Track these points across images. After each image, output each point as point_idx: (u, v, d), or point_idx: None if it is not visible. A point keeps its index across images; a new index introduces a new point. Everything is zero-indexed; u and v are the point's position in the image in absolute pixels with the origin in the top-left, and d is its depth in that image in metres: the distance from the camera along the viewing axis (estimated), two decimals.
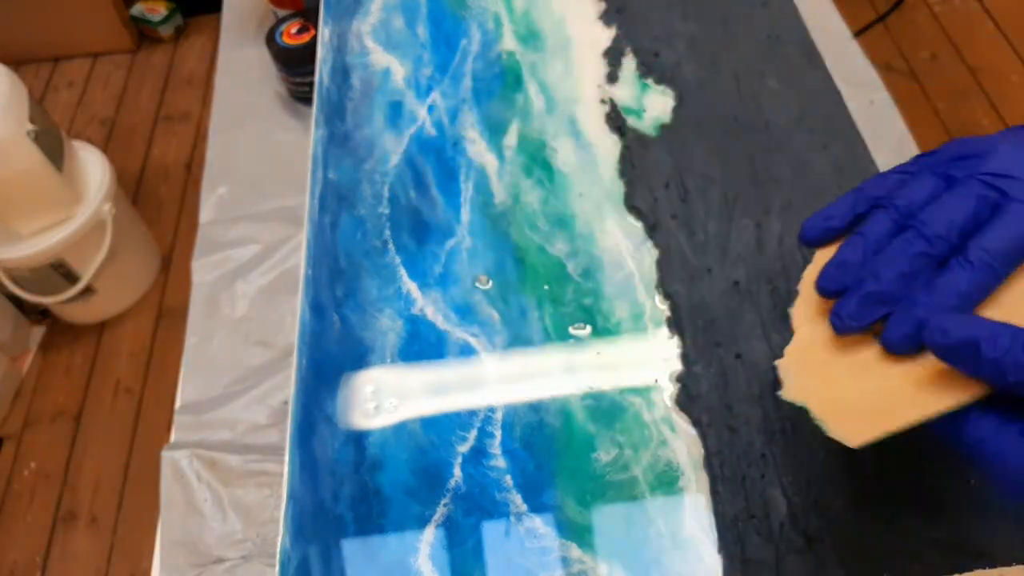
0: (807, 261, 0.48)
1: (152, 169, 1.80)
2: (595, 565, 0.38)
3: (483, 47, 0.63)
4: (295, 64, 0.77)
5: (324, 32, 0.65)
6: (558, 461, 0.41)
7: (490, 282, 0.49)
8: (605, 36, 0.62)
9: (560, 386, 0.45)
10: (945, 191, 0.29)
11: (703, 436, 0.42)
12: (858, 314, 0.28)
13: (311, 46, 0.75)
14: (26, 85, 1.21)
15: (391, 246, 0.52)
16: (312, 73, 0.74)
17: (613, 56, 0.61)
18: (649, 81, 0.59)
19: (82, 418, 1.44)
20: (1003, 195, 0.28)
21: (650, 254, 0.50)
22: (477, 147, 0.56)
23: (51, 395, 1.47)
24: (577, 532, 0.39)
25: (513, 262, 0.50)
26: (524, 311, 0.48)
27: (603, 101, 0.58)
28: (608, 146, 0.56)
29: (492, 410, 0.44)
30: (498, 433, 0.43)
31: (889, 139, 0.70)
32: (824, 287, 0.30)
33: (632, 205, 0.52)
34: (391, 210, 0.53)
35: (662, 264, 0.49)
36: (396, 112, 0.59)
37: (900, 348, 0.28)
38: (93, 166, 1.36)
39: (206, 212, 0.73)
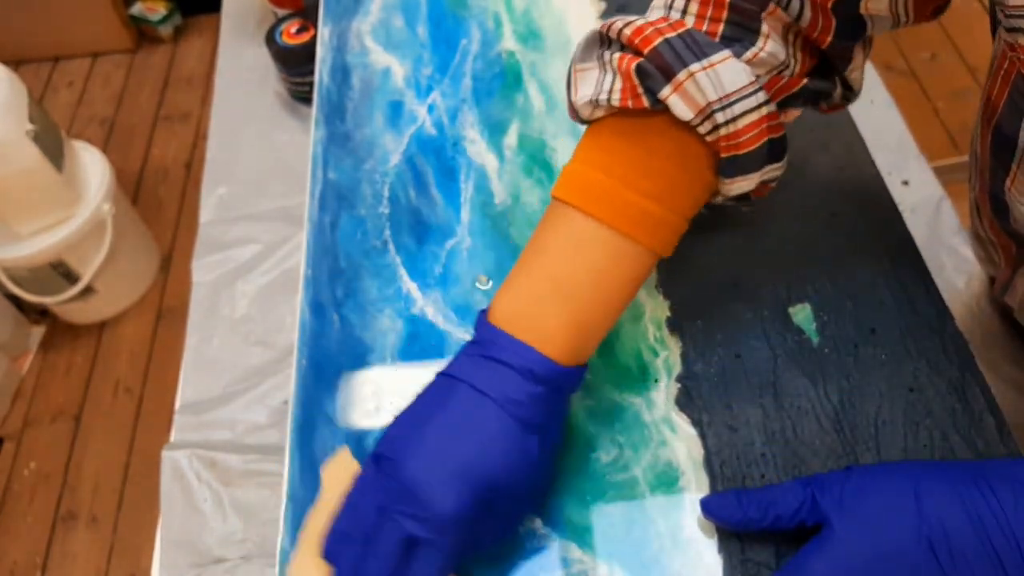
0: (807, 261, 0.48)
1: (152, 169, 1.80)
2: (595, 565, 0.38)
3: (483, 47, 0.63)
4: (295, 64, 0.77)
5: (324, 32, 0.65)
6: (558, 461, 0.41)
7: (490, 282, 0.49)
8: None
9: None
10: (376, 534, 0.34)
11: (703, 436, 0.42)
12: None
13: (311, 46, 0.75)
14: (26, 85, 1.21)
15: (391, 246, 0.52)
16: (312, 73, 0.74)
17: None
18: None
19: (82, 418, 1.44)
20: (415, 538, 0.34)
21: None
22: (477, 147, 0.56)
23: (51, 395, 1.47)
24: (577, 532, 0.39)
25: (513, 262, 0.50)
26: None
27: None
28: None
29: None
30: None
31: (889, 139, 0.70)
32: None
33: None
34: (391, 210, 0.53)
35: (662, 264, 0.49)
36: (396, 112, 0.59)
37: None
38: (93, 166, 1.36)
39: (206, 212, 0.73)
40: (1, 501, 1.35)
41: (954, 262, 0.62)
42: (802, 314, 0.46)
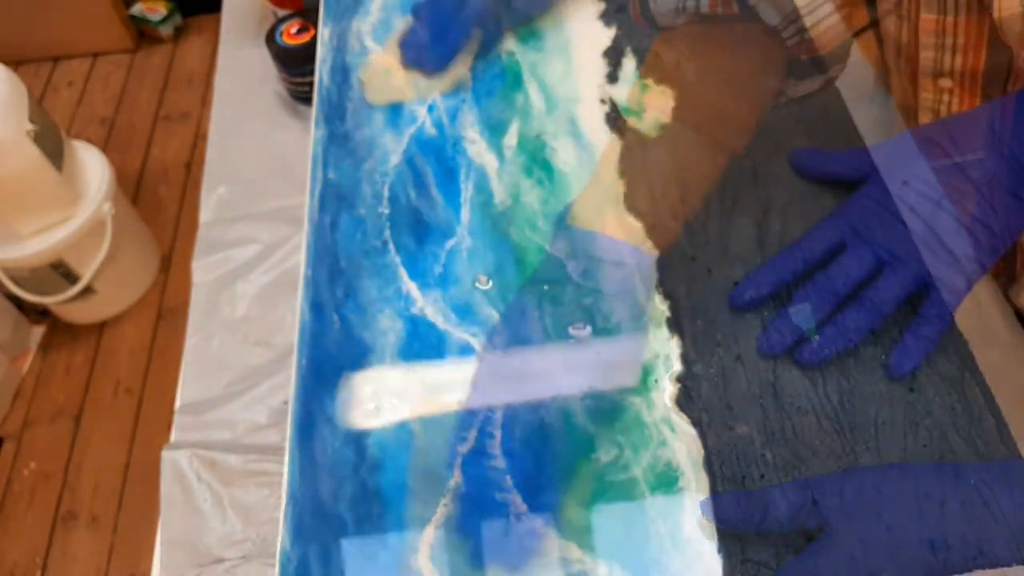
0: (806, 261, 0.48)
1: (152, 169, 1.80)
2: (595, 565, 0.38)
3: (483, 47, 0.63)
4: (295, 64, 0.77)
5: (324, 32, 0.65)
6: (558, 461, 0.41)
7: (490, 282, 0.49)
8: (605, 36, 0.62)
9: (560, 386, 0.45)
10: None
11: (703, 436, 0.42)
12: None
13: (311, 46, 0.75)
14: (26, 85, 1.21)
15: (391, 246, 0.52)
16: (312, 73, 0.74)
17: (613, 56, 0.61)
18: (649, 81, 0.59)
19: (82, 418, 1.44)
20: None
21: (650, 254, 0.50)
22: (477, 147, 0.56)
23: (51, 395, 1.47)
24: (577, 532, 0.39)
25: (513, 262, 0.50)
26: (524, 311, 0.48)
27: (603, 101, 0.58)
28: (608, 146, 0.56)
29: (492, 410, 0.44)
30: (498, 433, 0.43)
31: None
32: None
33: (632, 205, 0.52)
34: (391, 210, 0.53)
35: (662, 264, 0.49)
36: (396, 112, 0.59)
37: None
38: (93, 166, 1.37)
39: (206, 212, 0.73)
40: (1, 501, 1.35)
41: None
42: (802, 314, 0.46)
